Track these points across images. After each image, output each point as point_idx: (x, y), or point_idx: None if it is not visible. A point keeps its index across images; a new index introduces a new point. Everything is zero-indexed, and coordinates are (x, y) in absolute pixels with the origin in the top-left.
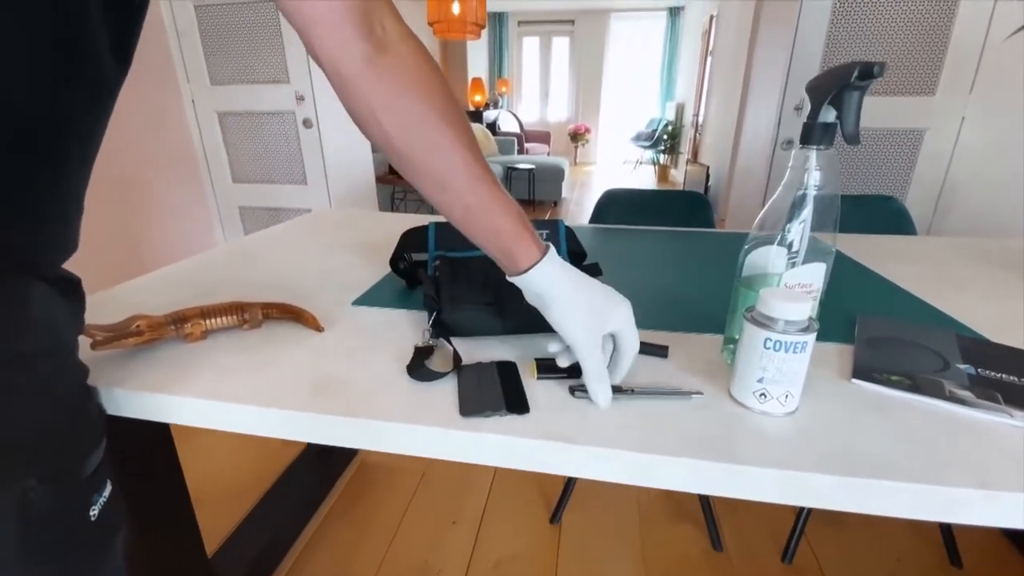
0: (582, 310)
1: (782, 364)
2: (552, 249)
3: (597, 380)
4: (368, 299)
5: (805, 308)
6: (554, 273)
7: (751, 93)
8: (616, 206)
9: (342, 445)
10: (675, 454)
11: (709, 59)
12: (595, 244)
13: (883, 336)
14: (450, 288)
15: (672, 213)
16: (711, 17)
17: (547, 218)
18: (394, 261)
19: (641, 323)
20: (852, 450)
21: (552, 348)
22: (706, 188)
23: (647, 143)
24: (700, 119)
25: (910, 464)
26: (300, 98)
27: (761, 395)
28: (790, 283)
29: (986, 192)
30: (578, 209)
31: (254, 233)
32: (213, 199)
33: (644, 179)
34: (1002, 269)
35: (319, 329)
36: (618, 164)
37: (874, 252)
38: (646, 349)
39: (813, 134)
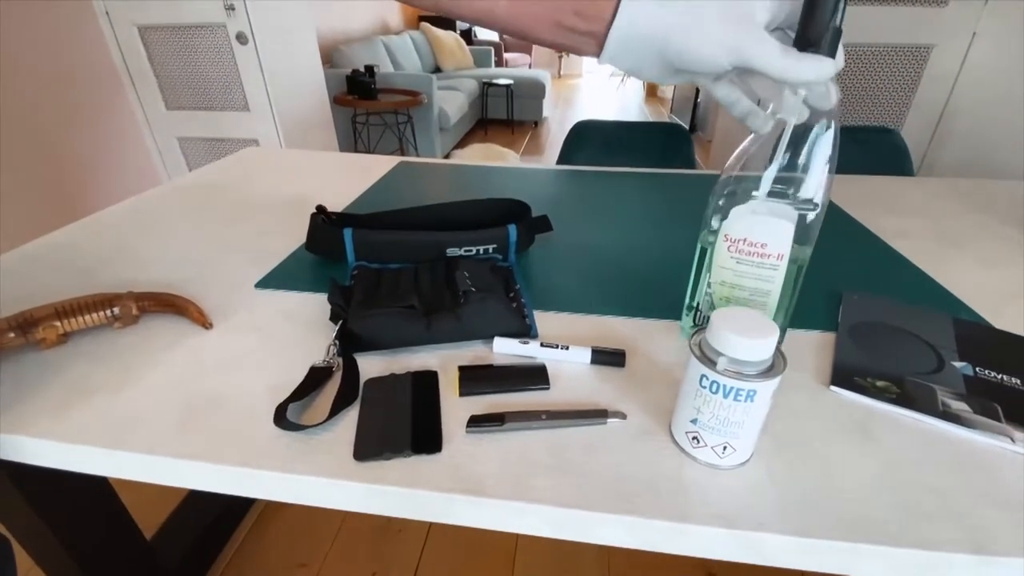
0: (711, 5)
1: (719, 411)
2: None
3: (790, 60)
4: (275, 279)
5: (763, 346)
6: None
7: None
8: (588, 141)
9: (213, 491)
10: (603, 508)
11: None
12: (558, 191)
13: (870, 321)
14: (363, 294)
15: (650, 149)
16: None
17: (505, 197)
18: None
19: (595, 308)
20: (823, 497)
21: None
22: (695, 105)
23: None
24: None
25: (889, 516)
26: (230, 7)
27: (694, 439)
28: (732, 236)
29: (988, 119)
30: (559, 130)
31: (153, 188)
32: (148, 130)
33: (631, 94)
34: (1006, 223)
35: (206, 325)
36: (605, 77)
37: (866, 199)
38: (597, 358)
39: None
